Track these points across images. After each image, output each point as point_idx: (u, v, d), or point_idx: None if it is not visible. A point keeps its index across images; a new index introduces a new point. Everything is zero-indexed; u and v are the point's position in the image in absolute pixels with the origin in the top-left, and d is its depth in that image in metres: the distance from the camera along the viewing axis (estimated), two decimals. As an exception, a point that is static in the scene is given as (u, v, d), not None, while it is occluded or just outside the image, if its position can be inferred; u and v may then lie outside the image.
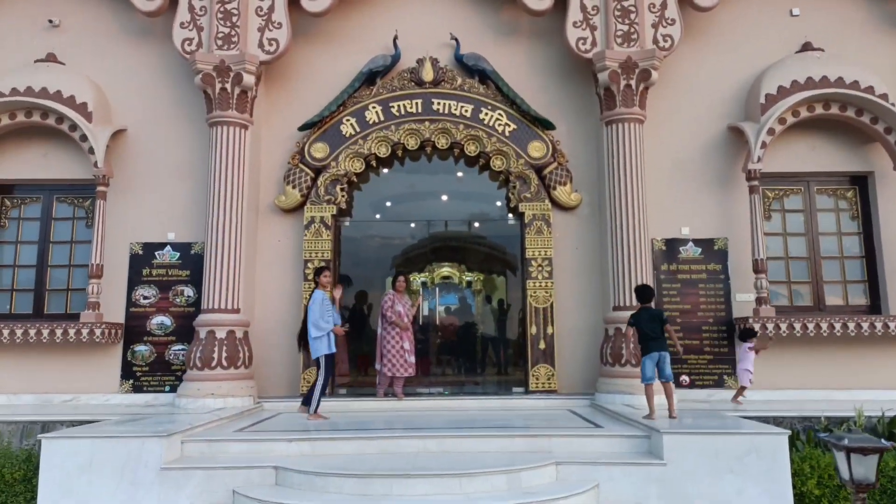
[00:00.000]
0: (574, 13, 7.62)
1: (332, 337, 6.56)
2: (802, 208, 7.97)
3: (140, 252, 7.76)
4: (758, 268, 7.30)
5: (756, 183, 7.43)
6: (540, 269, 7.69)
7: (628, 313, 6.97)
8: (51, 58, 7.86)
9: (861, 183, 7.95)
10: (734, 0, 8.04)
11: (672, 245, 7.75)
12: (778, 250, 7.85)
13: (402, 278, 7.67)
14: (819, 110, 7.56)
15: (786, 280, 7.84)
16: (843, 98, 7.47)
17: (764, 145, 7.38)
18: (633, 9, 7.53)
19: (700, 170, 7.84)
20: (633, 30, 7.50)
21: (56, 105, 7.47)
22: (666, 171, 7.81)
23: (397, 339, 7.38)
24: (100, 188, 7.54)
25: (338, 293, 6.88)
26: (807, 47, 7.82)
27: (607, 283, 7.37)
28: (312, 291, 6.64)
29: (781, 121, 7.48)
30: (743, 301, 7.56)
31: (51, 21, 8.05)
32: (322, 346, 6.46)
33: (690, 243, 7.74)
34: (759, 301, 7.28)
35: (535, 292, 7.66)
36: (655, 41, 7.52)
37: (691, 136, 7.90)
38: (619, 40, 7.50)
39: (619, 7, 7.54)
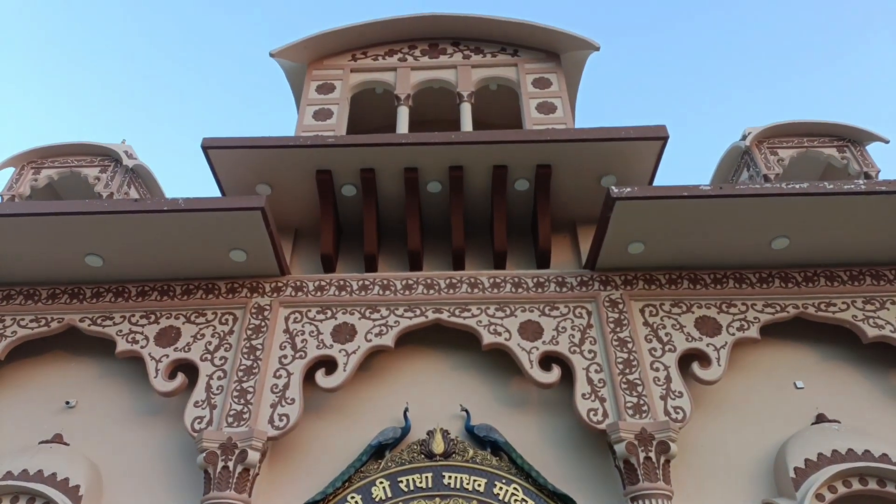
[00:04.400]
0: (581, 385, 7.76)
1: None
2: None
3: None
4: None
5: (815, 573, 6.55)
6: None
7: None
8: (57, 438, 7.76)
9: (932, 570, 7.02)
10: (738, 374, 8.24)
11: None
12: None
13: None
14: (856, 485, 7.05)
15: None
16: (877, 473, 7.06)
17: (810, 526, 6.73)
18: (638, 382, 7.70)
19: (748, 555, 7.01)
20: (642, 401, 7.53)
21: (46, 489, 7.06)
22: (709, 557, 6.98)
23: None
24: (66, 589, 6.67)
25: None
26: (821, 419, 7.74)
27: None
28: None
29: (819, 497, 6.94)
30: None
31: (67, 403, 8.21)
32: None
33: None
34: None
35: None
36: (667, 412, 7.48)
37: (729, 512, 7.27)
38: (630, 411, 7.47)
39: (624, 380, 7.72)
